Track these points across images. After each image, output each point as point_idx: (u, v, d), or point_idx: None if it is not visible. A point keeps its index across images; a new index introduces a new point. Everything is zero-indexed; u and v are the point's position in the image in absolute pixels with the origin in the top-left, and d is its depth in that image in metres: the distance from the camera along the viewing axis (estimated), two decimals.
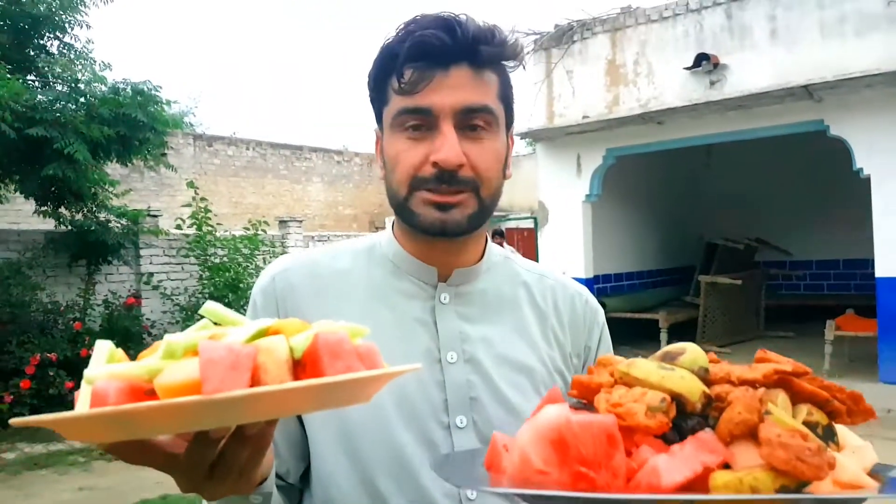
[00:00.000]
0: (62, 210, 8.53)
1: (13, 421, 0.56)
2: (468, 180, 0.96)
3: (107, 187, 8.71)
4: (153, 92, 8.29)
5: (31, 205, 8.74)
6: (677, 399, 0.66)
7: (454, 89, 0.94)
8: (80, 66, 8.31)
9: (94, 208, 8.76)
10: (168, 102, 8.85)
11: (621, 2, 9.11)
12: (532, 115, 9.57)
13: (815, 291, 11.85)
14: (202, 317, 0.64)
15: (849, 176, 7.86)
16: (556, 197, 9.68)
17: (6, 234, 8.87)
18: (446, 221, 0.96)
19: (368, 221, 19.14)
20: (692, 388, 0.66)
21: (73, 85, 8.08)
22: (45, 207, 8.45)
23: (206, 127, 23.14)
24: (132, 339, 8.52)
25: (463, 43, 0.94)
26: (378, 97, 1.02)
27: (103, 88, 8.15)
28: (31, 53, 8.20)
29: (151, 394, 0.54)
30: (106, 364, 0.59)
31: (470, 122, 0.96)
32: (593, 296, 1.18)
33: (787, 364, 0.68)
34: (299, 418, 1.00)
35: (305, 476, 1.02)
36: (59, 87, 8.23)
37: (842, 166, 8.17)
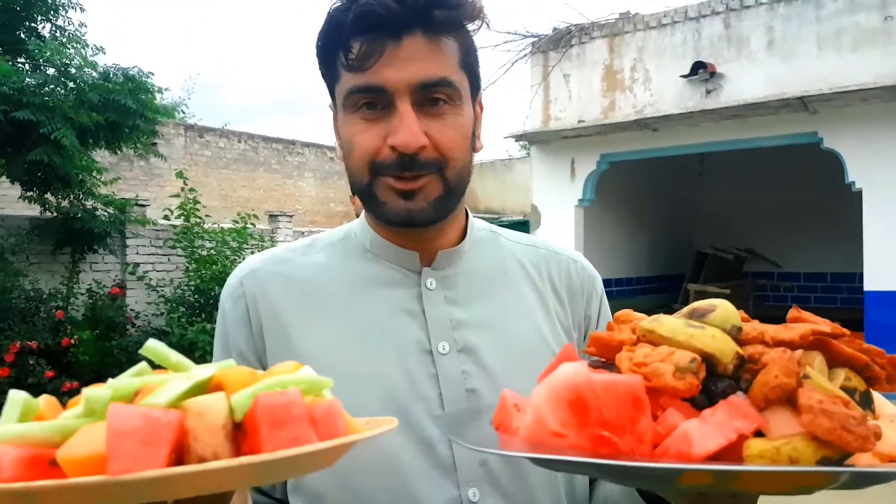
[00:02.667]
0: (48, 196, 8.41)
1: None
2: (431, 162, 0.87)
3: (94, 175, 8.59)
4: (144, 78, 8.20)
5: (16, 189, 8.61)
6: (707, 359, 0.60)
7: (408, 62, 0.85)
8: (71, 50, 8.19)
9: (81, 195, 8.64)
10: (160, 90, 8.74)
11: (620, 7, 9.11)
12: (527, 118, 9.54)
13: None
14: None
15: (840, 189, 7.87)
16: (549, 201, 9.64)
17: None
18: (411, 210, 0.89)
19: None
20: (724, 348, 0.60)
21: (62, 69, 7.95)
22: (31, 193, 8.32)
23: (197, 118, 22.98)
24: (116, 329, 8.40)
25: (414, 8, 0.84)
26: (328, 72, 0.93)
27: (94, 74, 8.04)
28: (22, 36, 8.08)
29: (57, 465, 0.47)
30: (16, 423, 0.50)
31: (429, 97, 0.87)
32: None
33: (824, 324, 0.63)
34: None
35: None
36: (48, 71, 8.11)
37: (833, 179, 8.18)
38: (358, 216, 1.06)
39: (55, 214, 8.59)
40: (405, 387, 0.89)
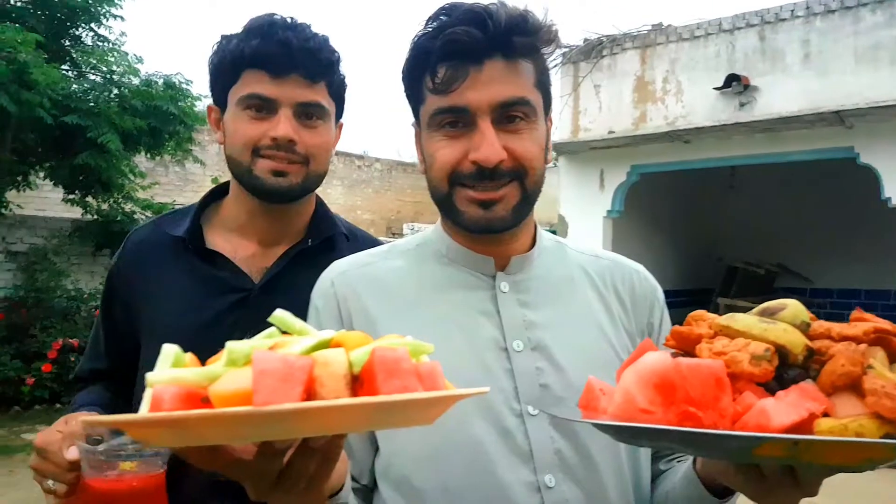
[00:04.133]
0: (89, 199, 8.63)
1: (85, 420, 0.57)
2: (510, 172, 0.96)
3: (135, 179, 8.81)
4: (184, 86, 8.42)
5: (58, 192, 8.85)
6: (780, 350, 0.68)
7: (489, 84, 0.94)
8: (113, 58, 8.43)
9: (121, 199, 8.86)
10: (198, 97, 8.94)
11: (652, 19, 9.14)
12: (557, 128, 9.60)
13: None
14: None
15: (875, 205, 7.81)
16: (577, 211, 9.68)
17: (34, 221, 8.99)
18: (491, 219, 0.98)
19: (386, 227, 19.19)
20: (795, 341, 0.68)
21: (107, 76, 8.19)
22: (73, 196, 8.55)
23: None
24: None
25: (495, 36, 0.93)
26: (413, 95, 1.03)
27: (136, 80, 8.27)
28: (67, 44, 8.32)
29: (207, 401, 0.54)
30: (170, 368, 0.59)
31: (507, 115, 0.96)
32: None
33: (885, 323, 0.70)
34: None
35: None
36: (92, 77, 8.34)
37: (868, 195, 8.12)
38: None
39: (95, 217, 8.81)
40: (483, 379, 0.96)
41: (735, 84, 8.11)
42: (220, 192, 1.40)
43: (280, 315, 0.62)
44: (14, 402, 7.71)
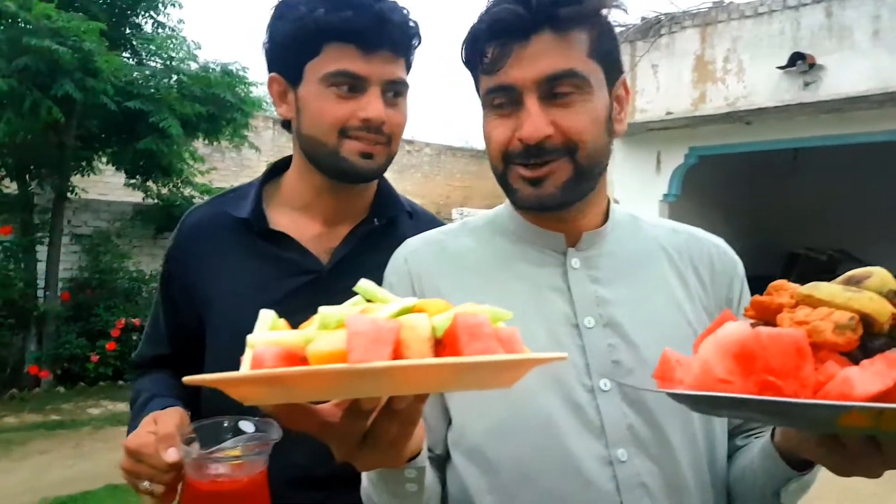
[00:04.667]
0: (150, 184, 8.88)
1: (187, 379, 0.61)
2: (557, 148, 0.94)
3: (194, 164, 9.02)
4: (241, 73, 8.56)
5: (120, 177, 9.12)
6: (865, 319, 0.65)
7: (534, 60, 0.93)
8: (172, 45, 8.61)
9: (180, 184, 9.09)
10: (254, 84, 9.09)
11: None
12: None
13: None
14: None
15: None
16: (633, 195, 9.52)
17: (97, 205, 9.29)
18: (540, 196, 0.97)
19: (435, 212, 19.16)
20: (881, 309, 0.65)
21: (167, 62, 8.38)
22: (135, 180, 8.80)
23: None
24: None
25: (539, 10, 0.92)
26: (473, 76, 1.03)
27: (194, 67, 8.45)
28: (127, 32, 8.53)
29: (305, 361, 0.58)
30: (268, 331, 0.63)
31: (555, 90, 0.94)
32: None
33: None
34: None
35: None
36: (152, 64, 8.55)
37: None
38: None
39: (156, 201, 9.06)
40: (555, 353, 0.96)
41: (800, 63, 7.84)
42: (278, 169, 1.37)
43: (364, 285, 0.66)
44: (80, 378, 8.02)
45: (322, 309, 0.61)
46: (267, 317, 0.65)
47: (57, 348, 7.94)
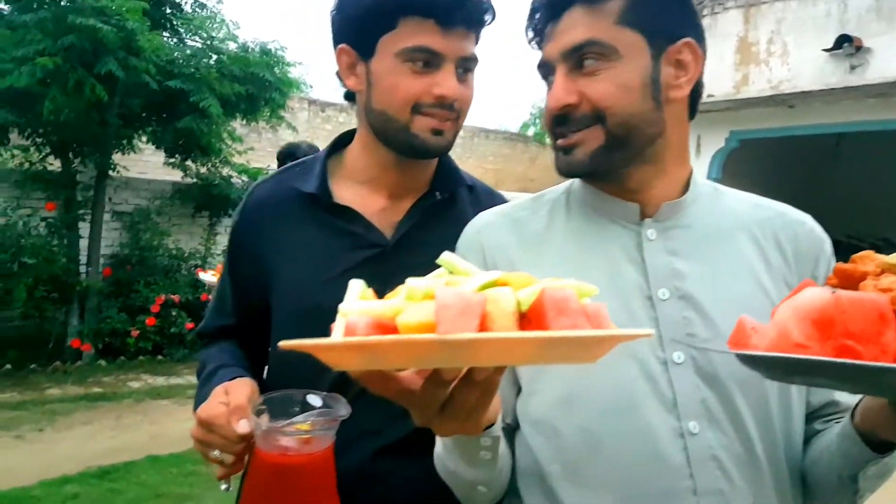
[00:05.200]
0: (189, 163, 8.99)
1: (283, 343, 0.63)
2: (586, 116, 0.96)
3: (232, 144, 9.11)
4: (279, 53, 8.60)
5: (159, 156, 9.25)
6: None
7: (562, 34, 0.97)
8: (212, 25, 8.68)
9: (218, 163, 9.19)
10: (292, 64, 9.13)
11: None
12: None
13: None
14: None
15: None
16: None
17: (137, 183, 9.44)
18: (570, 163, 0.99)
19: None
20: None
21: (207, 42, 8.45)
22: (174, 159, 8.92)
23: (316, 92, 23.64)
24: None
25: None
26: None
27: (234, 47, 8.51)
28: (168, 11, 8.61)
29: (394, 330, 0.60)
30: (358, 300, 0.66)
31: (580, 60, 0.96)
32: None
33: None
34: None
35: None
36: (191, 44, 8.63)
37: None
38: None
39: (195, 180, 9.17)
40: (629, 324, 0.95)
41: (846, 45, 7.64)
42: (341, 143, 1.36)
43: (447, 257, 0.67)
44: (120, 352, 8.19)
45: (409, 281, 0.63)
46: (357, 286, 0.68)
47: (98, 323, 8.12)
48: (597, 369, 0.91)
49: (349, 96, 1.31)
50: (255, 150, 11.33)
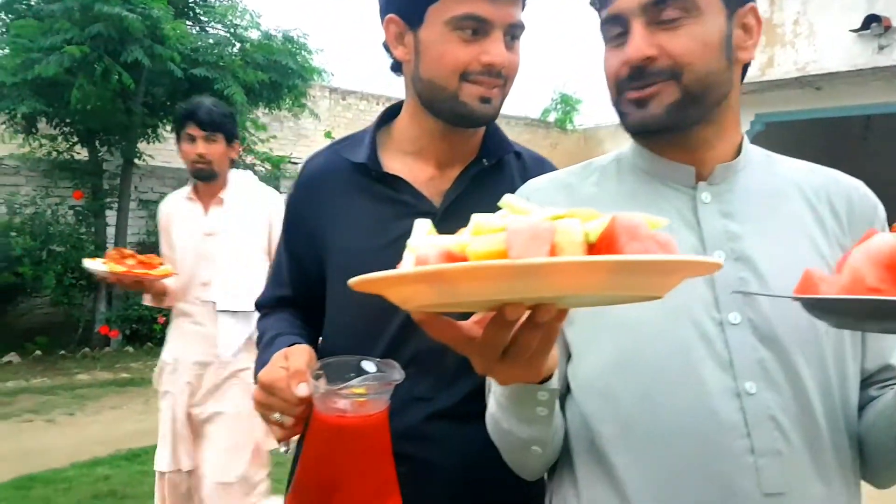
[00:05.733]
0: None
1: (353, 281, 0.64)
2: (663, 70, 0.94)
3: (256, 132, 9.16)
4: (302, 40, 8.62)
5: None
6: None
7: None
8: (234, 12, 8.70)
9: (242, 152, 9.24)
10: (315, 51, 9.15)
11: None
12: None
13: None
14: None
15: None
16: None
17: (162, 171, 9.52)
18: (644, 117, 0.96)
19: None
20: None
21: (231, 30, 8.49)
22: None
23: (337, 81, 23.65)
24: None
25: None
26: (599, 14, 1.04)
27: (256, 34, 8.54)
28: (191, 1, 8.66)
29: (464, 260, 0.59)
30: (425, 237, 0.66)
31: (661, 15, 0.93)
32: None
33: None
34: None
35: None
36: (214, 32, 8.66)
37: None
38: None
39: None
40: (684, 287, 0.91)
41: (874, 25, 7.51)
42: (390, 115, 1.37)
43: (509, 199, 0.67)
44: (147, 338, 8.31)
45: (475, 216, 0.62)
46: (424, 224, 0.68)
47: (125, 309, 8.22)
48: (652, 332, 0.92)
49: (395, 67, 1.31)
50: (277, 139, 11.39)
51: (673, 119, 0.96)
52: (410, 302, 0.63)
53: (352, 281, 0.63)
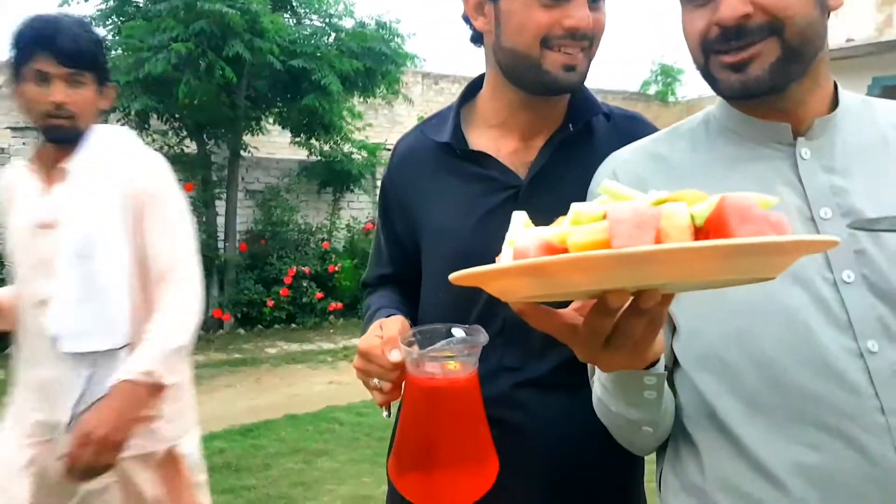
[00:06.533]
0: (313, 141, 9.32)
1: (454, 276, 0.63)
2: (761, 27, 0.89)
3: (352, 121, 9.35)
4: (394, 25, 8.71)
5: (285, 137, 9.63)
6: None
7: None
8: (329, 2, 8.89)
9: (340, 141, 9.47)
10: (408, 36, 9.22)
11: None
12: None
13: None
14: None
15: None
16: None
17: (267, 163, 9.88)
18: (745, 81, 0.91)
19: None
20: None
21: (326, 20, 8.68)
22: (299, 139, 9.26)
23: (429, 66, 23.77)
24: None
25: None
26: None
27: (351, 23, 8.71)
28: None
29: (565, 252, 0.57)
30: (524, 229, 0.65)
31: None
32: None
33: None
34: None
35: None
36: (309, 23, 8.88)
37: None
38: None
39: (319, 158, 9.51)
40: None
41: None
42: (473, 90, 1.36)
43: (609, 185, 0.64)
44: (257, 321, 8.68)
45: (574, 205, 0.61)
46: (521, 217, 0.67)
47: (237, 294, 8.62)
48: (763, 301, 0.89)
49: (475, 39, 1.31)
50: (372, 126, 11.60)
51: (776, 79, 0.91)
52: (511, 294, 0.63)
53: (453, 276, 0.63)
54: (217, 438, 4.80)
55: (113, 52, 7.80)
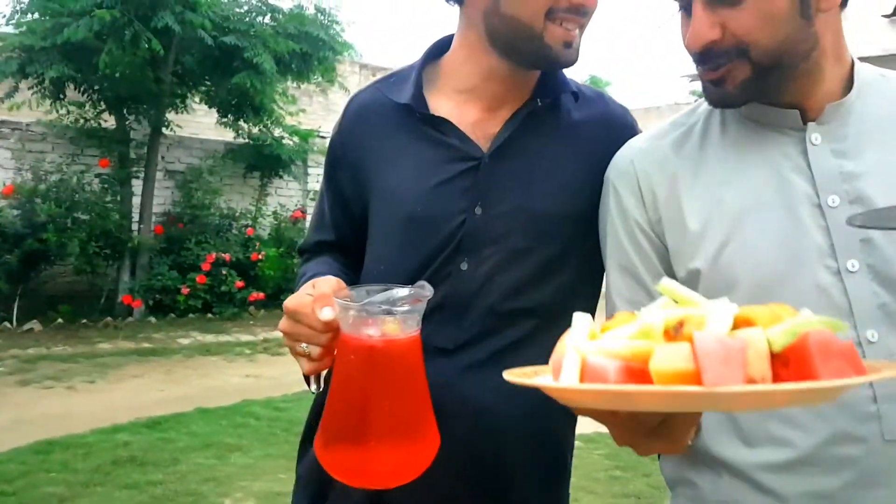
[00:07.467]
0: (241, 123, 9.04)
1: (509, 375, 0.65)
2: (727, 51, 0.91)
3: (284, 105, 9.12)
4: (333, 12, 8.56)
5: (211, 118, 9.31)
6: None
7: None
8: None
9: (270, 124, 9.22)
10: (348, 24, 9.07)
11: None
12: None
13: None
14: None
15: None
16: None
17: (190, 142, 9.52)
18: (722, 95, 0.95)
19: None
20: None
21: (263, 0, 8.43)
22: (226, 119, 8.97)
23: (366, 57, 23.62)
24: (296, 248, 9.03)
25: None
26: None
27: (289, 4, 8.49)
28: None
29: (641, 374, 0.59)
30: (587, 337, 0.65)
31: None
32: None
33: None
34: None
35: None
36: (245, 0, 8.61)
37: None
38: None
39: (247, 140, 9.22)
40: (797, 236, 0.91)
41: None
42: (437, 51, 1.30)
43: (667, 285, 0.66)
44: (170, 309, 8.32)
45: (643, 312, 0.62)
46: (584, 321, 0.66)
47: (149, 280, 8.23)
48: (769, 287, 0.89)
49: None
50: (306, 113, 11.34)
51: (750, 94, 0.94)
52: (579, 407, 0.64)
53: (513, 379, 0.64)
54: (121, 431, 4.56)
55: (29, 14, 7.33)
